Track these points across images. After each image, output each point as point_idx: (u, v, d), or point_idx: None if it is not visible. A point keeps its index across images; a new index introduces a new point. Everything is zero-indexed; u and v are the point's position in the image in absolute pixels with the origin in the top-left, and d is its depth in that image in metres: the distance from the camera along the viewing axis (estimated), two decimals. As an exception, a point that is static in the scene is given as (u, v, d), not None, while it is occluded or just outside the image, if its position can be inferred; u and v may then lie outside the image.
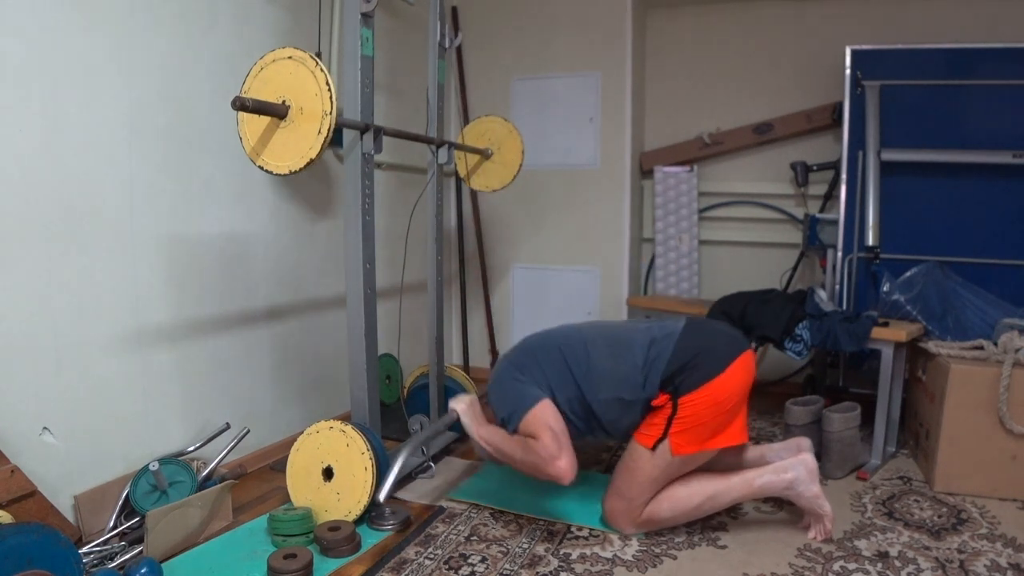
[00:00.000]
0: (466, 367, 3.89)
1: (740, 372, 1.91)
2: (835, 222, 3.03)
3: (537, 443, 1.87)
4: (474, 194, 3.78)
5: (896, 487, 2.34)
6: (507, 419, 1.97)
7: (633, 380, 1.92)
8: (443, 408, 2.71)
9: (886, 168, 2.88)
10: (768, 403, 3.24)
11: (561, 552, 1.88)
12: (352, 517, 1.97)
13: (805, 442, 2.11)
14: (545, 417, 1.91)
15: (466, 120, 3.69)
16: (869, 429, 2.53)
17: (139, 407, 2.09)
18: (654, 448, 1.89)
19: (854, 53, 2.94)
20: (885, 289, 2.65)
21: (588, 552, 1.88)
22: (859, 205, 2.93)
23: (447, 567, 1.79)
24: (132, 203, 2.04)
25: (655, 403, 1.90)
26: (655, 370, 1.90)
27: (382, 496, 1.97)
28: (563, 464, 1.84)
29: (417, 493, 2.27)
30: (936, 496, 2.27)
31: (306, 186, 2.75)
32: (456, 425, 2.76)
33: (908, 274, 2.70)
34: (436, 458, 2.52)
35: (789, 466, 1.95)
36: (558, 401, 1.96)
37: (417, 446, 2.05)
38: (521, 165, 2.86)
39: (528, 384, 1.97)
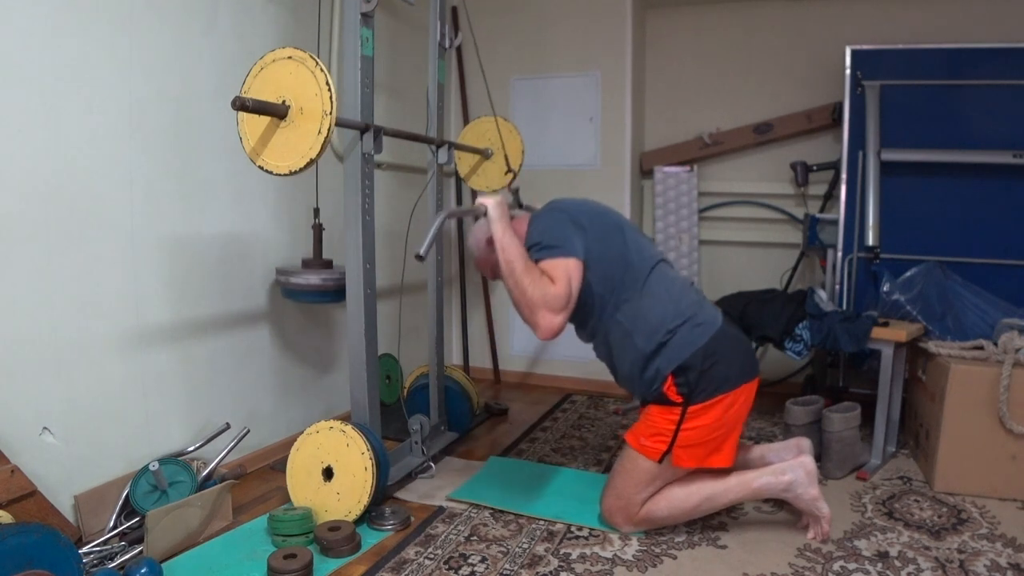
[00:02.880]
0: (466, 367, 3.89)
1: (746, 394, 1.91)
2: (835, 222, 3.03)
3: (550, 286, 1.79)
4: (474, 194, 3.78)
5: (896, 487, 2.34)
6: (538, 246, 1.87)
7: (653, 334, 1.87)
8: (443, 408, 2.71)
9: (886, 168, 2.88)
10: (768, 403, 3.24)
11: (561, 552, 1.88)
12: (352, 517, 1.97)
13: (805, 443, 2.11)
14: (572, 272, 1.83)
15: (466, 120, 3.69)
16: (869, 429, 2.53)
17: (139, 407, 2.09)
18: (660, 461, 1.89)
19: (854, 53, 2.94)
20: (885, 289, 2.65)
21: (588, 552, 1.88)
22: (859, 205, 2.93)
23: (447, 567, 1.79)
24: (132, 203, 2.04)
25: (666, 391, 1.87)
26: (677, 348, 1.85)
27: (423, 251, 1.82)
28: (557, 320, 1.79)
29: (417, 493, 2.27)
30: (936, 496, 2.27)
31: (306, 186, 2.74)
32: (456, 423, 2.77)
33: (908, 274, 2.70)
34: (436, 458, 2.52)
35: (788, 468, 1.95)
36: (587, 280, 1.88)
37: (445, 217, 1.93)
38: (521, 165, 2.86)
39: (577, 238, 1.88)
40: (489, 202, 1.94)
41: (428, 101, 2.57)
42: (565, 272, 1.82)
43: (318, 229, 2.46)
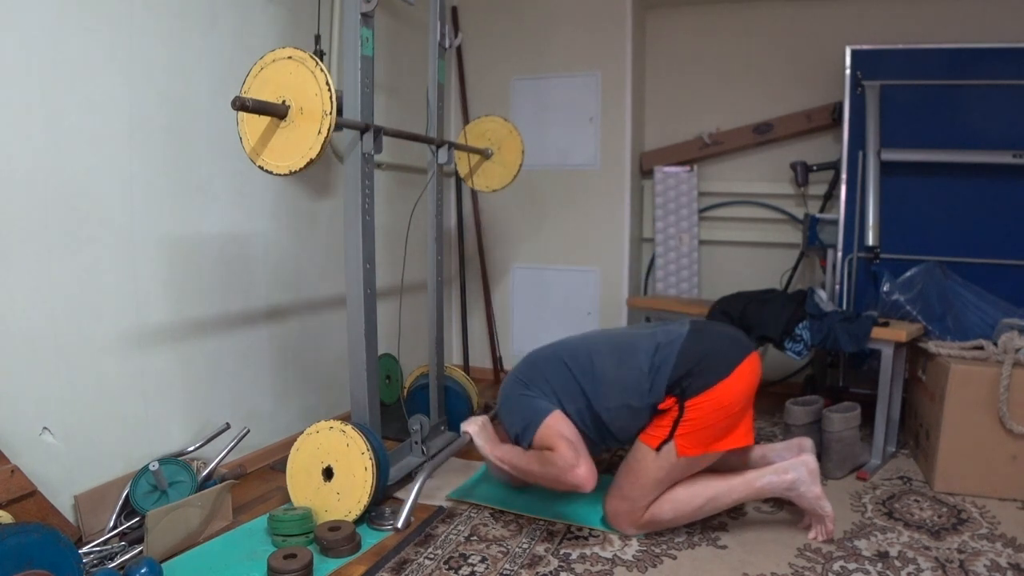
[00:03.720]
0: (466, 367, 3.89)
1: (746, 375, 1.91)
2: (835, 222, 3.03)
3: (554, 454, 1.88)
4: (474, 194, 3.78)
5: (896, 487, 2.34)
6: (520, 435, 1.99)
7: (640, 386, 1.92)
8: (443, 408, 2.71)
9: (886, 168, 2.88)
10: (768, 403, 3.24)
11: (561, 552, 1.88)
12: (352, 517, 1.97)
13: (807, 442, 2.11)
14: (558, 427, 1.92)
15: (466, 120, 3.69)
16: (869, 429, 2.53)
17: (139, 407, 2.09)
18: (659, 449, 1.88)
19: (854, 53, 2.94)
20: (885, 289, 2.65)
21: (588, 552, 1.88)
22: (859, 205, 2.93)
23: (447, 567, 1.79)
24: (132, 203, 2.04)
25: (662, 407, 1.90)
26: (661, 375, 1.90)
27: (400, 524, 1.95)
28: (582, 472, 1.86)
29: (417, 493, 2.26)
30: (936, 496, 2.27)
31: (306, 186, 2.74)
32: (456, 423, 2.76)
33: (908, 274, 2.70)
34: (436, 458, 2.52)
35: (790, 467, 1.95)
36: (568, 413, 1.97)
37: (431, 471, 2.08)
38: (521, 165, 2.86)
39: (537, 397, 1.99)
40: (472, 429, 2.12)
41: (428, 101, 2.57)
42: (555, 433, 1.92)
43: None
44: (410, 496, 2.00)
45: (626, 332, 2.11)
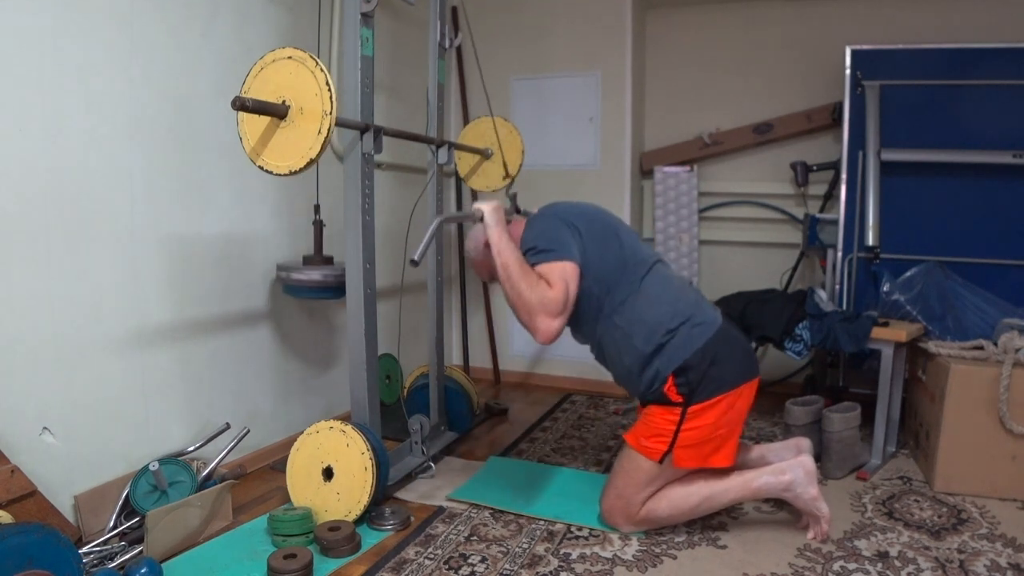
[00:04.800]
0: (466, 367, 3.89)
1: (747, 395, 1.91)
2: (835, 222, 3.03)
3: (547, 290, 1.80)
4: (474, 194, 3.78)
5: (896, 487, 2.34)
6: (534, 251, 1.88)
7: (651, 335, 1.87)
8: (443, 408, 2.71)
9: (886, 168, 2.88)
10: (768, 403, 3.24)
11: (561, 552, 1.88)
12: (352, 517, 1.97)
13: (805, 443, 2.11)
14: (568, 275, 1.84)
15: (466, 120, 3.69)
16: (869, 429, 2.53)
17: (139, 407, 2.09)
18: (661, 462, 1.89)
19: (854, 53, 2.94)
20: (885, 289, 2.65)
21: (588, 552, 1.88)
22: (859, 205, 2.93)
23: (447, 567, 1.79)
24: (132, 203, 2.04)
25: (666, 391, 1.87)
26: (677, 349, 1.85)
27: (416, 256, 1.84)
28: (555, 324, 1.80)
29: (417, 493, 2.27)
30: (936, 496, 2.27)
31: (306, 186, 2.74)
32: (456, 423, 2.77)
33: (908, 274, 2.70)
34: (436, 458, 2.52)
35: (787, 468, 1.95)
36: (583, 281, 1.88)
37: (440, 223, 1.94)
38: (521, 165, 2.86)
39: (572, 240, 1.89)
40: (486, 207, 1.95)
41: (428, 101, 2.57)
42: (562, 276, 1.83)
43: (319, 226, 2.46)
44: (426, 236, 1.90)
45: (675, 279, 2.01)
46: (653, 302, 1.91)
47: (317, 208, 2.49)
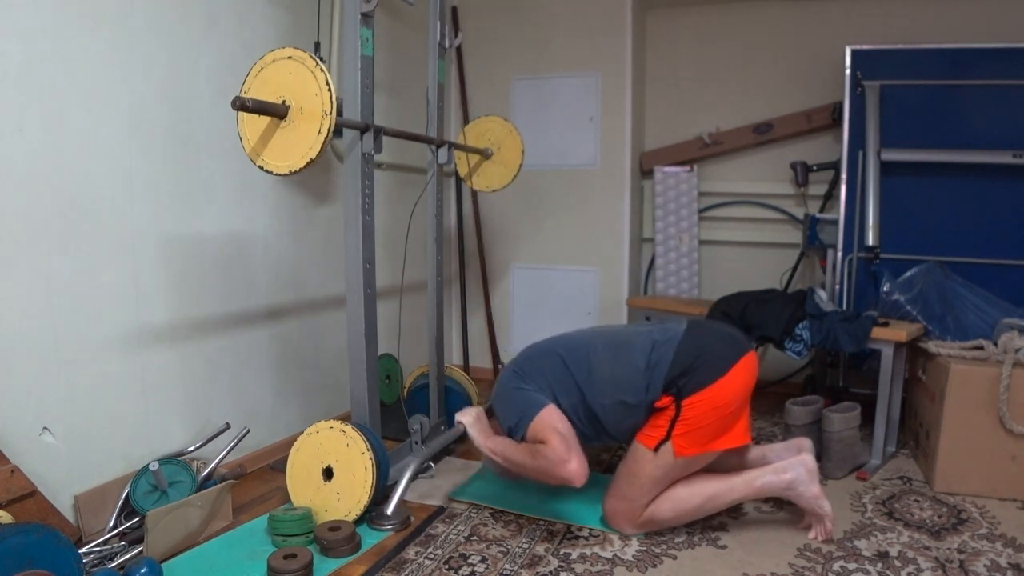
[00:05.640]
0: (466, 367, 3.89)
1: (742, 374, 1.91)
2: (835, 222, 3.03)
3: (546, 447, 1.88)
4: (474, 194, 3.78)
5: (896, 487, 2.34)
6: (514, 428, 1.98)
7: (636, 383, 1.92)
8: (443, 408, 2.71)
9: (886, 168, 2.88)
10: (768, 403, 3.24)
11: (561, 552, 1.88)
12: (352, 517, 1.97)
13: (806, 442, 2.11)
14: (552, 421, 1.92)
15: (466, 120, 3.69)
16: (869, 429, 2.53)
17: (139, 407, 2.09)
18: (657, 449, 1.88)
19: (854, 53, 2.94)
20: (885, 289, 2.65)
21: (588, 552, 1.88)
22: (859, 205, 2.93)
23: (447, 567, 1.79)
24: (132, 203, 2.04)
25: (658, 404, 1.90)
26: (658, 373, 1.90)
27: (389, 510, 2.01)
28: (573, 466, 1.86)
29: (417, 493, 2.26)
30: (936, 496, 2.27)
31: (306, 186, 2.74)
32: (455, 424, 2.76)
33: (908, 274, 2.70)
34: (436, 458, 2.52)
35: (789, 466, 1.95)
36: (563, 407, 1.97)
37: (423, 462, 2.11)
38: (521, 165, 2.86)
39: (532, 391, 1.99)
40: (466, 420, 2.12)
41: (428, 101, 2.57)
42: (548, 426, 1.91)
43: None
44: (400, 484, 2.03)
45: (623, 329, 2.12)
46: (614, 362, 1.97)
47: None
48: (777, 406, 3.04)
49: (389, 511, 2.01)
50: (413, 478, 2.31)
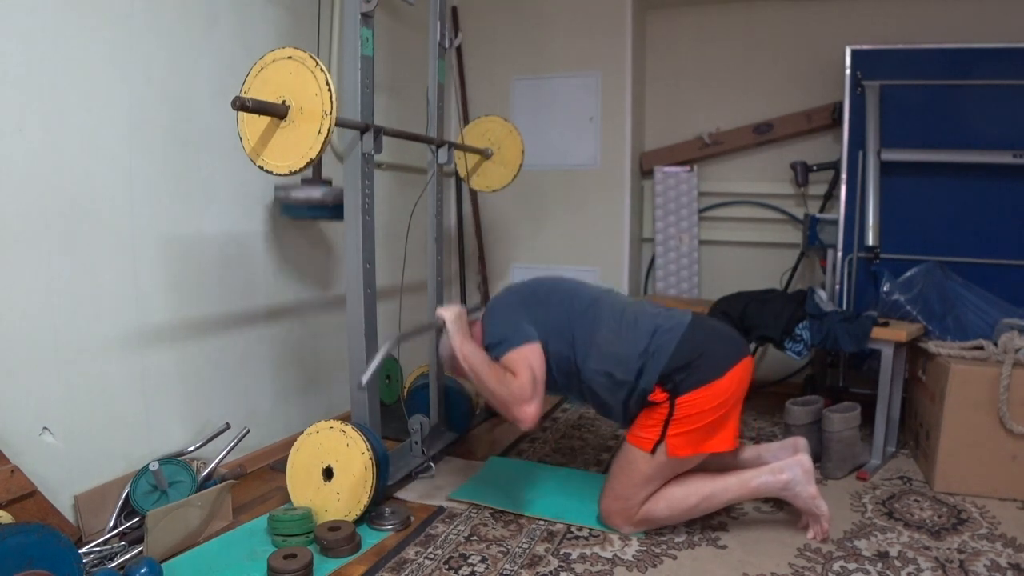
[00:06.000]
0: (466, 367, 3.88)
1: (738, 377, 1.91)
2: (835, 222, 3.03)
3: (515, 380, 1.86)
4: (474, 194, 3.78)
5: (896, 487, 2.34)
6: (493, 346, 1.96)
7: (630, 364, 1.91)
8: (443, 408, 2.71)
9: (886, 168, 2.88)
10: (768, 403, 3.24)
11: (561, 552, 1.88)
12: (352, 517, 1.97)
13: (801, 442, 2.11)
14: (530, 359, 1.91)
15: (466, 120, 3.69)
16: (869, 429, 2.53)
17: (139, 407, 2.09)
18: (653, 451, 1.89)
19: (854, 53, 2.94)
20: (885, 289, 2.65)
21: (588, 552, 1.88)
22: (859, 205, 2.93)
23: (447, 567, 1.79)
24: (132, 203, 2.04)
25: (652, 398, 1.89)
26: (655, 361, 1.89)
27: (363, 380, 1.92)
28: (531, 410, 1.85)
29: (417, 493, 2.27)
30: (936, 496, 2.27)
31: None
32: (456, 423, 2.77)
33: (908, 274, 2.70)
34: (436, 458, 2.52)
35: (785, 467, 1.95)
36: (548, 350, 1.96)
37: (396, 342, 2.01)
38: (521, 165, 2.86)
39: (526, 321, 1.97)
40: (447, 314, 2.01)
41: (428, 101, 2.57)
42: (524, 362, 1.89)
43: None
44: (376, 357, 1.94)
45: (632, 304, 2.07)
46: (617, 333, 1.95)
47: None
48: (777, 406, 3.04)
49: (363, 379, 1.88)
50: (410, 470, 2.30)
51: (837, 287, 2.99)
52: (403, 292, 3.21)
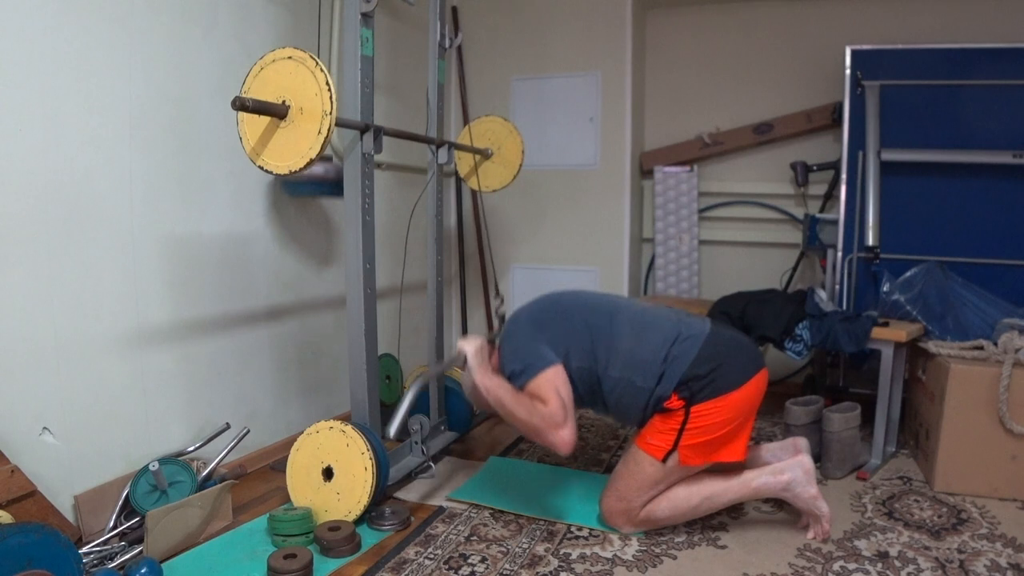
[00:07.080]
0: (466, 367, 3.89)
1: (754, 391, 1.91)
2: (835, 222, 3.03)
3: (543, 407, 1.83)
4: (474, 194, 3.78)
5: (896, 487, 2.34)
6: (516, 374, 1.92)
7: (651, 369, 1.89)
8: (443, 408, 2.71)
9: (886, 168, 2.88)
10: (768, 403, 3.21)
11: (561, 552, 1.88)
12: (352, 517, 1.97)
13: (802, 442, 2.11)
14: (556, 382, 1.87)
15: (466, 120, 3.69)
16: (869, 429, 2.53)
17: (139, 407, 2.09)
18: (664, 460, 1.89)
19: (854, 53, 2.94)
20: (885, 289, 2.65)
21: (588, 552, 1.88)
22: (859, 205, 2.93)
23: (447, 567, 1.79)
24: (132, 203, 2.04)
25: (667, 404, 1.89)
26: (675, 368, 1.88)
27: (392, 431, 1.86)
28: (566, 434, 1.82)
29: (417, 493, 2.27)
30: (936, 496, 2.27)
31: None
32: (456, 423, 2.77)
33: (908, 274, 2.70)
34: (436, 458, 2.52)
35: (786, 467, 1.95)
36: (569, 367, 1.93)
37: (426, 381, 1.99)
38: (521, 165, 2.86)
39: (544, 344, 1.93)
40: (468, 348, 1.98)
41: (428, 101, 2.57)
42: (550, 386, 1.86)
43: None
44: (403, 405, 1.89)
45: (650, 309, 2.06)
46: (638, 340, 1.94)
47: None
48: (777, 406, 3.03)
49: (391, 431, 1.84)
50: (410, 470, 2.30)
51: (837, 287, 2.99)
52: (403, 292, 3.21)
